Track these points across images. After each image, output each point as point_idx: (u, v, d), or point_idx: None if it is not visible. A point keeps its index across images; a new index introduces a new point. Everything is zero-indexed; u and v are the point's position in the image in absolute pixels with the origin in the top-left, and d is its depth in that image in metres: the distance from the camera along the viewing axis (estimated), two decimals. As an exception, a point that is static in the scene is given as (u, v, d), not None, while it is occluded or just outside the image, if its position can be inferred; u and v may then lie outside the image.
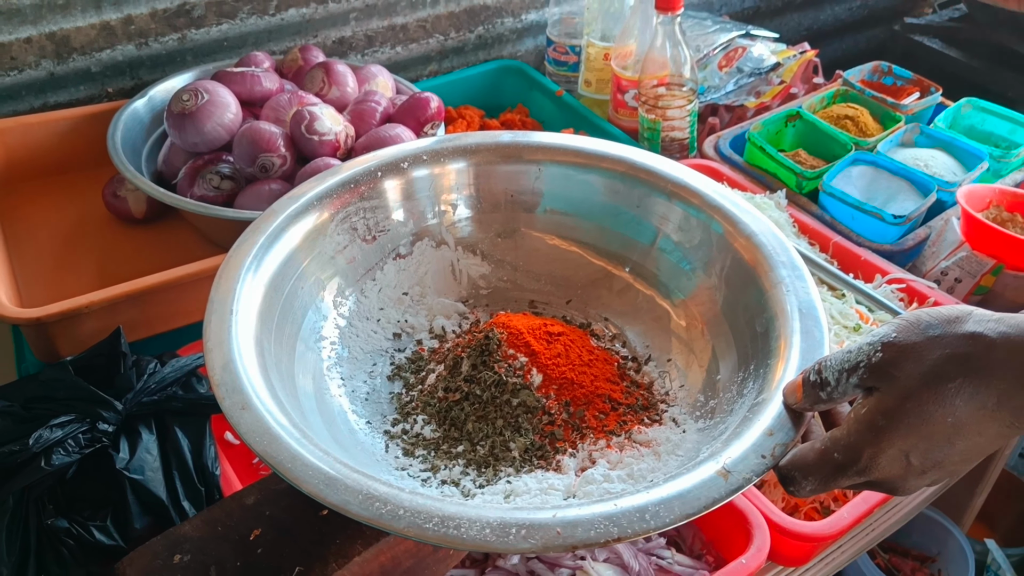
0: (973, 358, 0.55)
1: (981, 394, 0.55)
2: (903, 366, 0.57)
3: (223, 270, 0.75)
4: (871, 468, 0.58)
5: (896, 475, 0.58)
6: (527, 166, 0.90)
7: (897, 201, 1.27)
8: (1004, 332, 0.55)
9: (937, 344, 0.57)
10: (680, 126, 1.37)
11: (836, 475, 0.59)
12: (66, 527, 0.77)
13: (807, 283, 0.76)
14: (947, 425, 0.55)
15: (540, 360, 0.76)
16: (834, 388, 0.61)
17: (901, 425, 0.56)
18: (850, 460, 0.58)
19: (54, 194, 1.21)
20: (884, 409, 0.57)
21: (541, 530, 0.56)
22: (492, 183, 0.91)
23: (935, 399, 0.55)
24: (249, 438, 0.61)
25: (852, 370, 0.60)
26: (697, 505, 0.58)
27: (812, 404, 0.63)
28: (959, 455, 0.57)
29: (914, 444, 0.56)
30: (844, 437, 0.59)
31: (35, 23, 1.18)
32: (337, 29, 1.42)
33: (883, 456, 0.57)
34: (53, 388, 0.83)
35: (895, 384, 0.57)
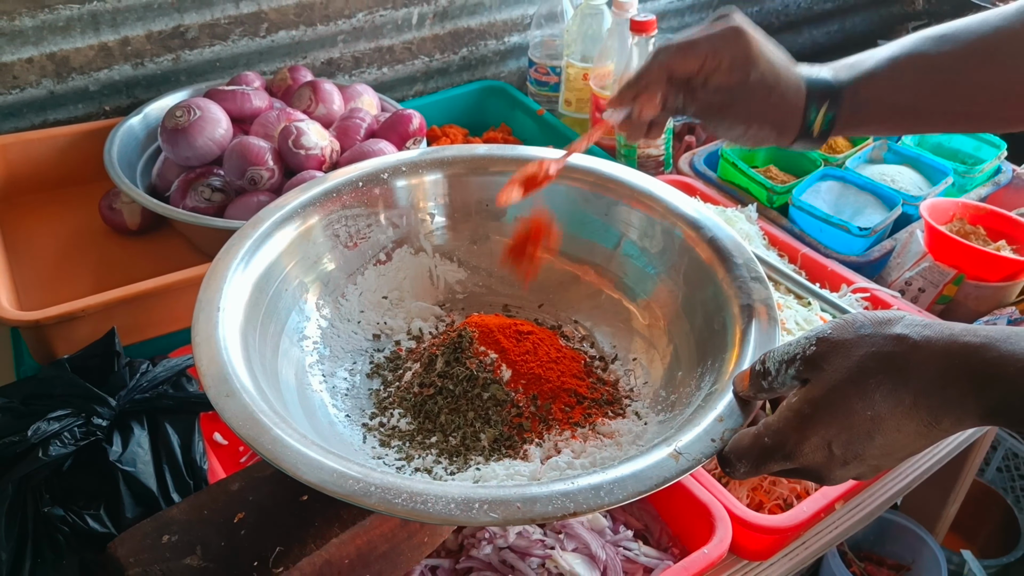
0: (895, 357, 0.59)
1: (899, 391, 0.59)
2: (832, 360, 0.61)
3: (212, 271, 0.80)
4: (796, 454, 0.62)
5: (820, 463, 0.62)
6: (500, 177, 0.95)
7: (864, 215, 1.32)
8: (927, 336, 0.60)
9: (865, 342, 0.61)
10: (655, 144, 1.42)
11: (766, 459, 0.63)
12: (62, 515, 0.81)
13: (763, 284, 0.81)
14: (867, 418, 0.59)
15: (509, 356, 0.81)
16: (775, 378, 0.65)
17: (825, 415, 0.61)
18: (778, 445, 0.62)
19: (53, 206, 1.26)
20: (811, 399, 0.61)
21: (502, 505, 0.60)
22: (466, 193, 0.96)
23: (857, 392, 0.60)
24: (233, 423, 0.66)
25: (790, 362, 0.64)
26: (649, 483, 0.63)
27: (757, 393, 0.68)
28: (878, 449, 0.60)
29: (836, 434, 0.60)
30: (774, 423, 0.63)
31: (36, 44, 1.24)
32: (326, 50, 1.48)
33: (807, 443, 0.61)
34: (51, 385, 0.88)
35: (823, 376, 0.61)
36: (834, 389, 0.61)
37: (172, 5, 1.30)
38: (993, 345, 0.57)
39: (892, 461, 0.63)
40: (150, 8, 1.29)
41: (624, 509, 0.96)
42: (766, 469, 0.65)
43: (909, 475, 1.09)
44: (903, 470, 1.09)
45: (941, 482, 1.54)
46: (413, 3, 1.52)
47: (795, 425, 0.62)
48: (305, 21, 1.43)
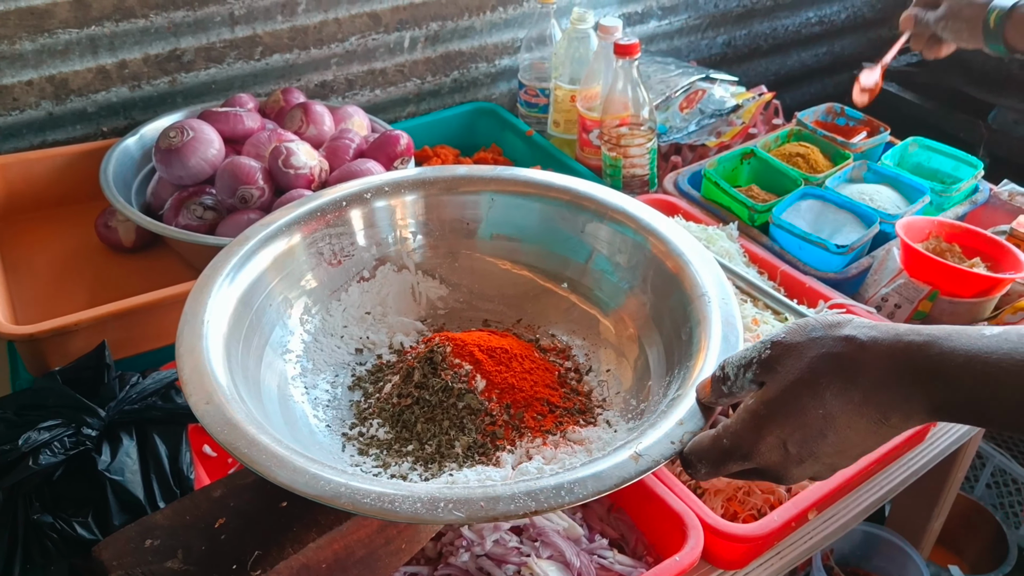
0: (844, 357, 0.62)
1: (849, 390, 0.62)
2: (786, 362, 0.64)
3: (198, 286, 0.83)
4: (753, 454, 0.65)
5: (776, 462, 0.65)
6: (478, 196, 0.99)
7: (843, 232, 1.35)
8: (873, 336, 0.63)
9: (816, 344, 0.64)
10: (640, 163, 1.45)
11: (725, 459, 0.66)
12: (51, 522, 0.84)
13: (729, 296, 0.84)
14: (819, 417, 0.62)
15: (484, 367, 0.84)
16: (733, 382, 0.68)
17: (779, 415, 0.63)
18: (735, 445, 0.65)
19: (51, 224, 1.30)
20: (766, 400, 0.64)
21: (467, 504, 0.63)
22: (444, 212, 0.99)
23: (809, 392, 0.62)
24: (211, 428, 0.68)
25: (747, 366, 0.67)
26: (609, 483, 0.66)
27: (717, 398, 0.71)
28: (832, 447, 0.63)
29: (790, 433, 0.63)
30: (732, 424, 0.66)
31: (36, 67, 1.28)
32: (319, 73, 1.52)
33: (763, 443, 0.64)
34: (43, 397, 0.91)
35: (777, 378, 0.64)
36: (787, 390, 0.63)
37: (168, 29, 1.34)
38: (936, 343, 0.60)
39: (846, 459, 0.66)
40: (147, 32, 1.33)
41: (602, 519, 0.98)
42: (725, 469, 0.68)
43: (884, 487, 1.11)
44: (877, 481, 1.11)
45: (925, 496, 1.56)
46: (405, 27, 1.56)
47: (751, 425, 0.65)
48: (299, 45, 1.47)
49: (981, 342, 0.60)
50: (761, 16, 2.09)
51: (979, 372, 0.59)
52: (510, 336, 0.91)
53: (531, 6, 1.68)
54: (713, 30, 2.02)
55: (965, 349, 0.60)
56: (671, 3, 1.90)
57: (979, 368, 0.59)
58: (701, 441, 0.69)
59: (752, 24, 2.09)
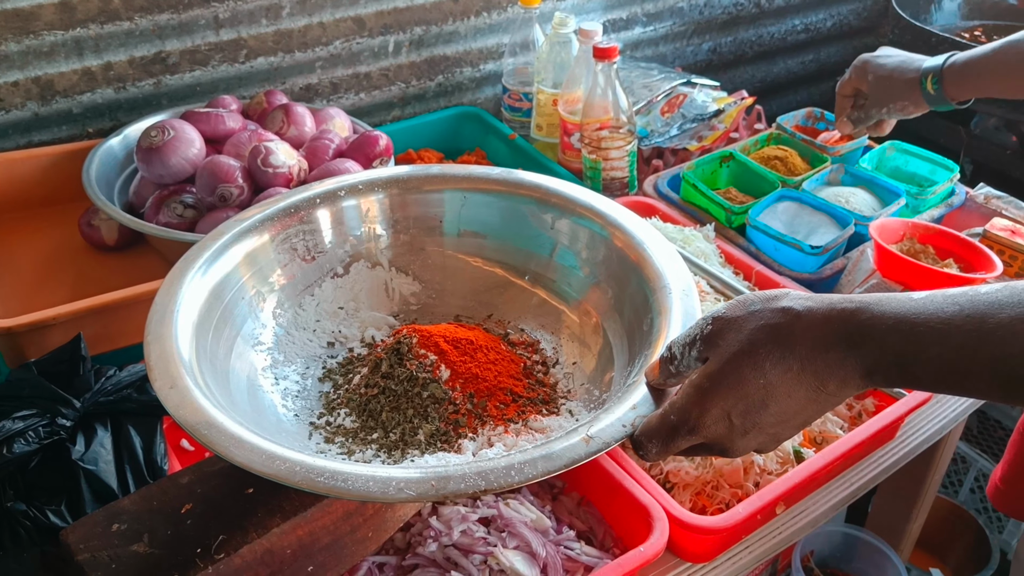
0: (782, 327, 0.64)
1: (787, 359, 0.63)
2: (726, 336, 0.66)
3: (170, 278, 0.85)
4: (699, 427, 0.66)
5: (722, 435, 0.67)
6: (441, 194, 1.01)
7: (818, 234, 1.36)
8: (808, 306, 0.65)
9: (755, 317, 0.66)
10: (620, 166, 1.47)
11: (673, 436, 0.68)
12: (24, 510, 0.85)
13: (690, 288, 0.86)
14: (759, 387, 0.64)
15: (448, 358, 0.85)
16: (680, 361, 0.70)
17: (721, 387, 0.65)
18: (682, 420, 0.67)
19: (35, 224, 1.32)
20: (708, 373, 0.66)
21: (417, 483, 0.65)
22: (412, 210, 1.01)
23: (749, 363, 0.64)
24: (173, 411, 0.70)
25: (691, 344, 0.69)
26: (558, 463, 0.67)
27: (665, 379, 0.72)
28: (773, 417, 0.65)
29: (733, 404, 0.65)
30: (678, 401, 0.68)
31: (22, 68, 1.30)
32: (304, 76, 1.54)
33: (708, 416, 0.66)
34: (18, 388, 0.92)
35: (718, 351, 0.66)
36: (728, 362, 0.65)
37: (153, 32, 1.36)
38: (866, 308, 0.62)
39: (789, 429, 0.68)
40: (132, 35, 1.35)
41: (571, 512, 0.99)
42: (675, 446, 0.69)
43: (855, 483, 1.12)
44: (847, 477, 1.12)
45: (904, 498, 1.57)
46: (390, 31, 1.58)
47: (695, 400, 0.67)
48: (283, 48, 1.49)
49: (908, 304, 0.61)
50: (747, 23, 2.11)
51: (906, 332, 0.60)
52: (477, 329, 0.93)
53: (515, 11, 1.70)
54: (698, 37, 2.04)
55: (893, 312, 0.61)
56: (656, 9, 1.92)
57: (906, 329, 0.60)
58: (649, 421, 0.70)
59: (737, 31, 2.11)
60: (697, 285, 1.01)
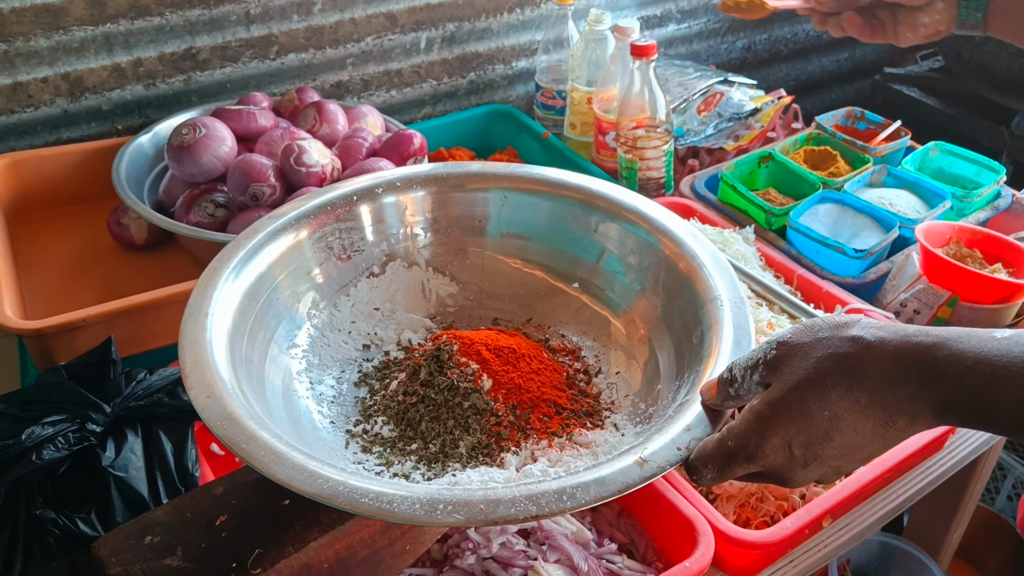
0: (851, 358, 0.61)
1: (855, 391, 0.60)
2: (791, 362, 0.63)
3: (203, 279, 0.82)
4: (758, 456, 0.63)
5: (781, 464, 0.63)
6: (487, 193, 0.98)
7: (861, 237, 1.33)
8: (881, 336, 0.61)
9: (823, 344, 0.62)
10: (656, 166, 1.44)
11: (729, 462, 0.65)
12: (53, 518, 0.83)
13: (742, 300, 0.82)
14: (824, 418, 0.61)
15: (490, 367, 0.83)
16: (740, 384, 0.67)
17: (783, 415, 0.62)
18: (740, 447, 0.64)
19: (63, 222, 1.30)
20: (771, 400, 0.63)
21: (466, 506, 0.62)
22: (454, 209, 0.98)
23: (814, 393, 0.61)
24: (211, 423, 0.68)
25: (754, 367, 0.66)
26: (612, 488, 0.64)
27: (723, 400, 0.69)
28: (837, 450, 0.62)
29: (795, 435, 0.62)
30: (737, 426, 0.64)
31: (51, 64, 1.28)
32: (335, 73, 1.51)
33: (768, 445, 0.63)
34: (47, 392, 0.90)
35: (782, 378, 0.63)
36: (793, 390, 0.62)
37: (184, 28, 1.34)
38: (944, 344, 0.59)
39: (852, 463, 0.65)
40: (162, 31, 1.33)
41: (611, 524, 0.96)
42: (731, 473, 0.66)
43: (900, 495, 1.09)
44: (893, 490, 1.08)
45: (944, 507, 1.53)
46: (422, 28, 1.55)
47: (756, 427, 0.64)
48: (315, 44, 1.46)
49: (991, 344, 0.58)
50: (781, 21, 2.07)
51: (987, 375, 0.57)
52: (519, 335, 0.90)
53: (548, 8, 1.67)
54: (732, 34, 2.00)
55: (974, 352, 0.58)
56: (690, 6, 1.88)
57: (987, 371, 0.57)
58: (706, 445, 0.67)
59: (772, 28, 2.07)
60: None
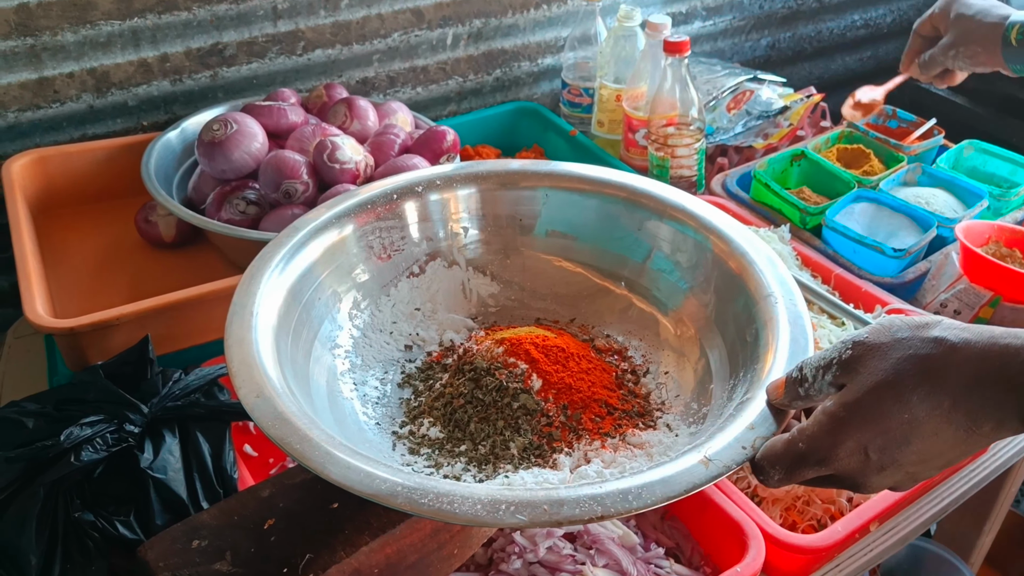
0: (933, 359, 0.58)
1: (937, 394, 0.58)
2: (868, 363, 0.60)
3: (247, 277, 0.80)
4: (830, 459, 0.61)
5: (855, 469, 0.61)
6: (534, 191, 0.96)
7: (898, 236, 1.31)
8: (965, 338, 0.59)
9: (902, 345, 0.60)
10: (688, 164, 1.42)
11: (799, 464, 0.62)
12: (92, 520, 0.81)
13: (795, 296, 0.80)
14: (903, 421, 0.58)
15: (540, 367, 0.81)
16: (811, 384, 0.65)
17: (858, 417, 0.60)
18: (812, 449, 0.61)
19: (90, 218, 1.28)
20: (846, 402, 0.61)
21: (529, 507, 0.60)
22: (499, 207, 0.96)
23: (893, 395, 0.58)
24: (262, 423, 0.66)
25: (827, 367, 0.63)
26: (678, 488, 0.62)
27: (791, 400, 0.67)
28: (916, 455, 0.59)
29: (871, 438, 0.59)
30: (808, 427, 0.62)
31: (77, 59, 1.26)
32: (361, 70, 1.50)
33: (842, 448, 0.60)
34: (84, 391, 0.88)
35: (858, 379, 0.61)
36: (870, 392, 0.60)
37: (211, 23, 1.32)
38: None
39: (929, 469, 0.62)
40: (189, 25, 1.31)
41: (655, 527, 0.95)
42: (800, 476, 0.64)
43: (945, 499, 1.07)
44: (939, 493, 1.06)
45: (976, 511, 1.51)
46: (448, 24, 1.53)
47: (829, 429, 0.61)
48: (341, 40, 1.45)
49: None
50: (806, 19, 2.05)
51: None
52: (566, 335, 0.88)
53: (576, 4, 1.65)
54: (757, 32, 1.98)
55: None
56: (716, 4, 1.86)
57: None
58: (774, 445, 0.65)
59: (797, 26, 2.04)
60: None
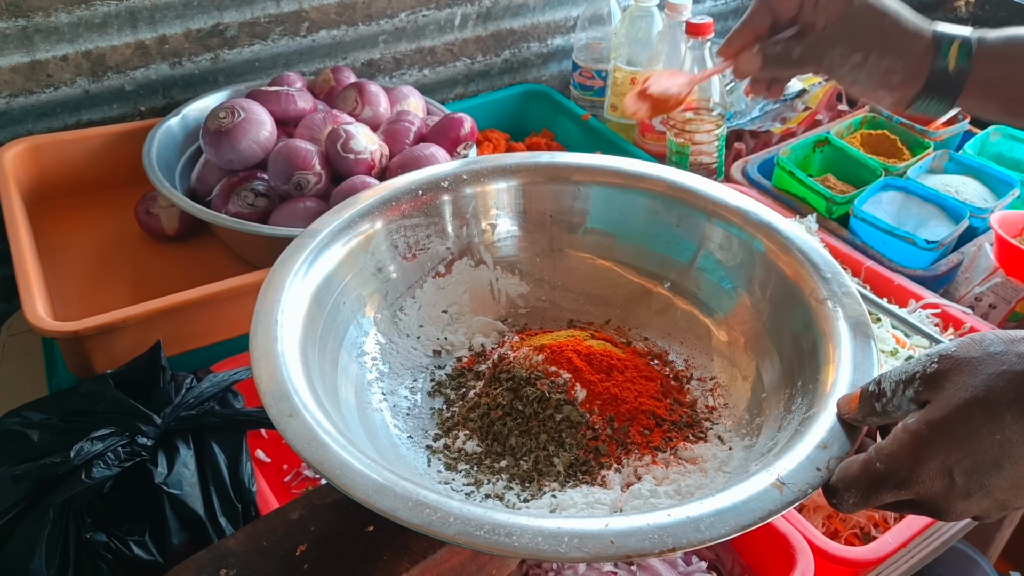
0: None
1: None
2: (956, 378, 0.55)
3: (268, 283, 0.75)
4: (912, 481, 0.56)
5: (939, 493, 0.56)
6: (567, 187, 0.90)
7: (928, 227, 1.26)
8: None
9: (995, 360, 0.55)
10: (708, 151, 1.37)
11: (878, 487, 0.58)
12: (104, 541, 0.76)
13: (854, 297, 0.76)
14: (995, 443, 0.53)
15: (583, 376, 0.76)
16: (889, 400, 0.60)
17: (945, 437, 0.54)
18: (891, 471, 0.56)
19: (87, 210, 1.21)
20: (930, 420, 0.56)
21: (594, 539, 0.55)
22: (530, 203, 0.91)
23: (983, 414, 0.53)
24: (297, 444, 0.60)
25: (908, 381, 0.58)
26: (752, 517, 0.58)
27: (866, 416, 0.62)
28: (1007, 480, 0.54)
29: (958, 460, 0.54)
30: (887, 446, 0.57)
31: (72, 41, 1.19)
32: (366, 51, 1.43)
33: (925, 469, 0.55)
34: (93, 401, 0.83)
35: (945, 395, 0.56)
36: (958, 409, 0.55)
37: (212, 3, 1.25)
38: None
39: (1021, 497, 0.57)
40: (189, 6, 1.24)
41: (692, 537, 0.90)
42: (878, 499, 0.59)
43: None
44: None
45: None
46: (457, 3, 1.47)
47: (911, 448, 0.56)
48: (347, 20, 1.38)
49: None
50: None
51: None
52: (606, 339, 0.83)
53: (587, -17, 1.59)
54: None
55: None
56: (726, -18, 1.81)
57: None
58: (849, 467, 0.60)
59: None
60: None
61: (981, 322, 1.12)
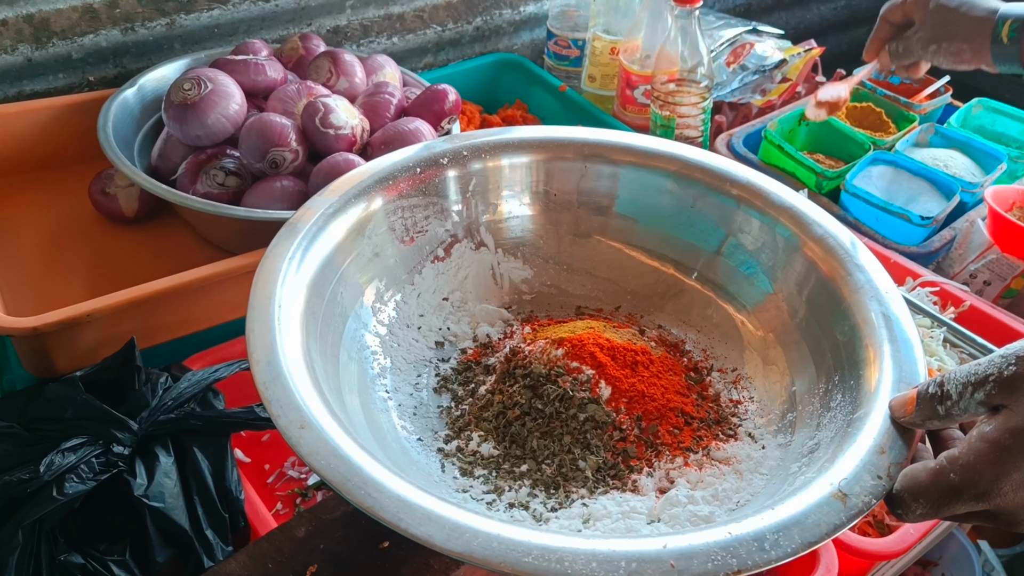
0: None
1: None
2: None
3: (261, 273, 0.68)
4: (991, 493, 0.52)
5: (1020, 505, 0.52)
6: (572, 164, 0.85)
7: (919, 202, 1.23)
8: None
9: None
10: (693, 124, 1.31)
11: (951, 499, 0.53)
12: (81, 563, 0.69)
13: (889, 286, 0.71)
14: None
15: (608, 372, 0.70)
16: (955, 403, 0.55)
17: None
18: (968, 482, 0.52)
19: (35, 191, 1.11)
20: (1013, 428, 0.51)
21: (653, 563, 0.50)
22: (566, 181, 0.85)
23: None
24: (313, 460, 0.54)
25: (979, 384, 0.54)
26: (818, 532, 0.53)
27: (924, 420, 0.58)
28: None
29: None
30: (963, 456, 0.53)
31: (11, 4, 1.09)
32: (332, 17, 1.34)
33: (1007, 481, 0.51)
34: (60, 407, 0.75)
35: None
36: None
37: (167, -37, 1.16)
38: None
39: None
40: (143, -35, 1.14)
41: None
42: (950, 511, 0.55)
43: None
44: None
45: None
46: (426, -34, 1.39)
47: (992, 459, 0.52)
48: (311, -17, 1.29)
49: None
50: (785, -34, 1.96)
51: None
52: (626, 330, 0.77)
53: (562, -53, 1.52)
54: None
55: None
56: (700, -52, 1.75)
57: None
58: (917, 476, 0.56)
59: (775, -26, 1.95)
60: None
61: (980, 300, 1.09)
